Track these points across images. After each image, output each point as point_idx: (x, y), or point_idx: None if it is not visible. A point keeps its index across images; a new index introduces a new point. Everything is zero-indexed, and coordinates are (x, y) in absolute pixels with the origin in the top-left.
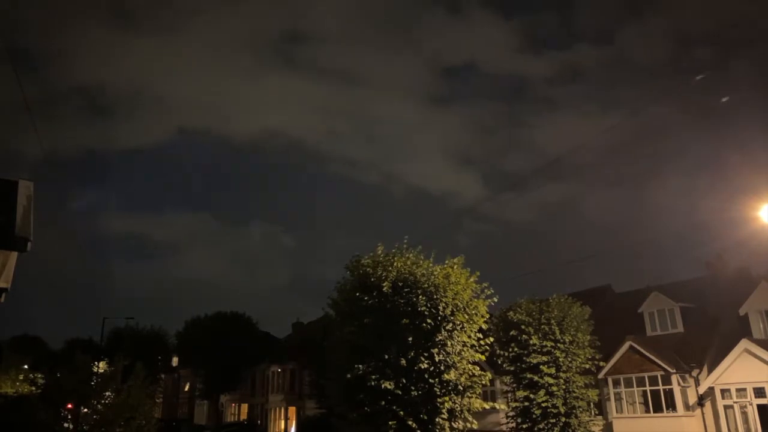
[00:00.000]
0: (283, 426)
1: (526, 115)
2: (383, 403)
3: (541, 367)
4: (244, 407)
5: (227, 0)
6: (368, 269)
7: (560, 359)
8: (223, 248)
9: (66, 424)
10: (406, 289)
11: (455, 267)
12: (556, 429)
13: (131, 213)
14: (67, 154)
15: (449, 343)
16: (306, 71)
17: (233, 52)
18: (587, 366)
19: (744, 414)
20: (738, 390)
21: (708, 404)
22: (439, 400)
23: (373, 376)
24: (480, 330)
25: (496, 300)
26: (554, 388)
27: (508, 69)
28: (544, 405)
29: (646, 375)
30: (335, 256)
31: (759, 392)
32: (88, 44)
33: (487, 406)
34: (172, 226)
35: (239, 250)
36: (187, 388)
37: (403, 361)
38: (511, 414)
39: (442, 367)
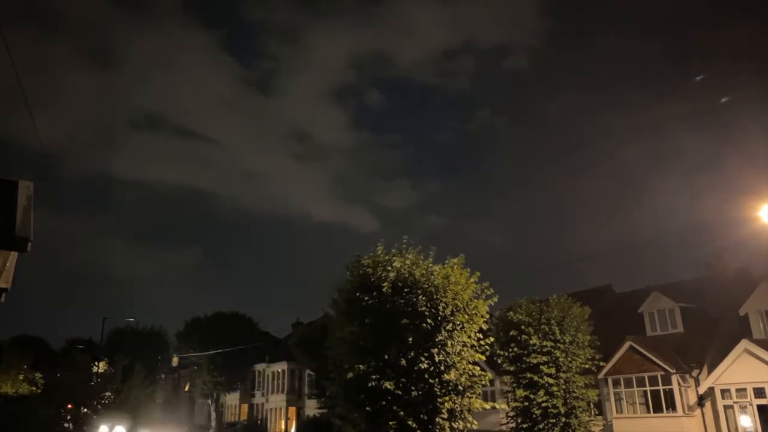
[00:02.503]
0: (283, 426)
1: (376, 171)
2: (383, 403)
3: (541, 367)
4: (244, 407)
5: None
6: (368, 269)
7: (560, 359)
8: (180, 270)
9: (66, 424)
10: (406, 290)
11: (455, 267)
12: (556, 429)
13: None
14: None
15: (449, 344)
16: (176, 136)
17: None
18: (587, 366)
19: (744, 414)
20: (738, 390)
21: (708, 404)
22: (439, 400)
23: (374, 376)
24: (480, 330)
25: (496, 300)
26: (554, 388)
27: (342, 139)
28: (544, 405)
29: (646, 375)
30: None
31: (759, 392)
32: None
33: (488, 406)
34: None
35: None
36: (187, 388)
37: (403, 361)
38: (511, 414)
39: (442, 367)
